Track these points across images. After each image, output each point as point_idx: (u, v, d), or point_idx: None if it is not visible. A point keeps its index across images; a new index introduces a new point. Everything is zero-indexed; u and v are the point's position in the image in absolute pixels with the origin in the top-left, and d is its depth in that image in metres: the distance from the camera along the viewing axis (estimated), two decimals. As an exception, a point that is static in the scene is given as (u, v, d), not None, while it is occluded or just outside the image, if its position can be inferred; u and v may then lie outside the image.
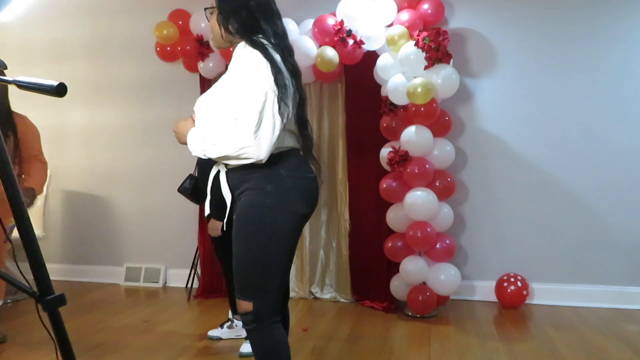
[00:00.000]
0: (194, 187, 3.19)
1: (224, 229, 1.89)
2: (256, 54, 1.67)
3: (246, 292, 1.73)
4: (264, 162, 1.66)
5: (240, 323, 3.14)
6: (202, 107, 1.80)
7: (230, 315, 3.20)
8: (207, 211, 1.94)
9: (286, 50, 1.76)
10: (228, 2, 1.76)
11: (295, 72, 1.76)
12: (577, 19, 3.74)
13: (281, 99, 1.64)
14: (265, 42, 1.71)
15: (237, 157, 1.66)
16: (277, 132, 1.64)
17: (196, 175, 3.21)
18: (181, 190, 3.25)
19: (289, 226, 1.74)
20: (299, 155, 1.81)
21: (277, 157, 1.71)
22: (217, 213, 2.66)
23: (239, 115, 1.64)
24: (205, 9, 1.85)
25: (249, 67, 1.66)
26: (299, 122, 1.79)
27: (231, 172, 1.79)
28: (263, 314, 1.72)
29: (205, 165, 2.83)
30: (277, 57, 1.69)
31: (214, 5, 1.79)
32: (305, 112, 1.85)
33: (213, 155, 1.69)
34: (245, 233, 1.71)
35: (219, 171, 1.84)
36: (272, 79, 1.63)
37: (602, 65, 3.72)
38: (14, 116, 2.95)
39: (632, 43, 3.68)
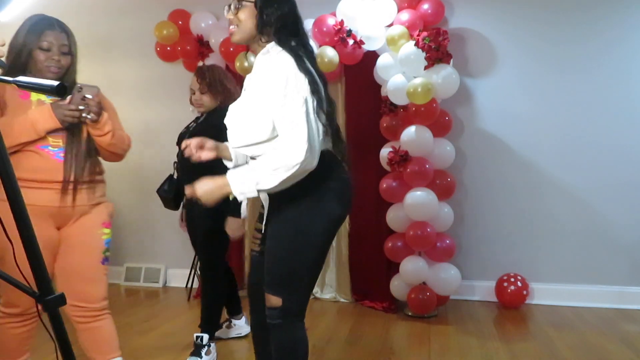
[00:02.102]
0: (176, 191, 2.91)
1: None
2: (291, 61, 1.64)
3: (276, 288, 1.73)
4: None
5: (239, 322, 3.14)
6: (238, 122, 1.74)
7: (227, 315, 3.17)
8: (244, 213, 1.97)
9: (313, 56, 1.76)
10: (275, 2, 1.70)
11: (323, 78, 1.75)
12: (577, 20, 3.74)
13: (318, 104, 1.64)
14: (298, 47, 1.70)
15: (300, 174, 1.61)
16: (321, 137, 1.64)
17: (175, 177, 2.96)
18: (161, 192, 2.97)
19: (324, 228, 1.74)
20: (333, 158, 1.79)
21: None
22: (234, 209, 2.66)
23: (288, 127, 1.60)
24: (235, 2, 1.73)
25: (285, 74, 1.62)
26: (331, 126, 1.75)
27: None
28: (290, 311, 1.73)
29: (187, 166, 2.67)
30: (309, 64, 1.68)
31: None
32: (336, 116, 1.85)
33: (274, 183, 1.59)
34: (282, 230, 1.72)
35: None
36: (308, 85, 1.63)
37: (602, 65, 3.72)
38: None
39: (631, 44, 3.68)
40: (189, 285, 4.27)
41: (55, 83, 1.15)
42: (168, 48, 4.09)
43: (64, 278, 2.03)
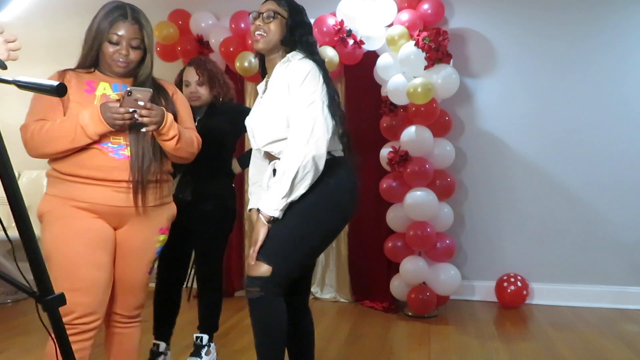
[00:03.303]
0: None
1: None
2: (311, 64, 1.80)
3: (270, 256, 1.75)
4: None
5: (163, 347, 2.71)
6: (261, 122, 1.89)
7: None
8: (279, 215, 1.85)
9: (328, 75, 1.88)
10: (300, 14, 1.89)
11: (337, 94, 1.90)
12: (576, 20, 3.74)
13: (331, 106, 1.79)
14: (318, 63, 1.84)
15: (310, 168, 1.72)
16: (329, 134, 1.77)
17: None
18: (182, 198, 2.58)
19: (332, 218, 1.83)
20: (347, 163, 1.90)
21: (330, 160, 1.81)
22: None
23: (295, 122, 1.75)
24: (269, 12, 1.86)
25: (303, 75, 1.77)
26: (345, 135, 1.89)
27: None
28: (275, 282, 1.74)
29: (184, 166, 2.49)
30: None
31: (278, 11, 1.85)
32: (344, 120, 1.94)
33: (288, 183, 1.71)
34: (300, 206, 1.76)
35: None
36: (322, 89, 1.78)
37: (602, 65, 3.72)
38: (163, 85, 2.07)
39: (631, 43, 3.68)
40: (189, 285, 4.26)
41: (55, 83, 1.14)
42: (168, 48, 4.09)
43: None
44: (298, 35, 1.85)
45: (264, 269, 1.73)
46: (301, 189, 1.73)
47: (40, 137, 1.76)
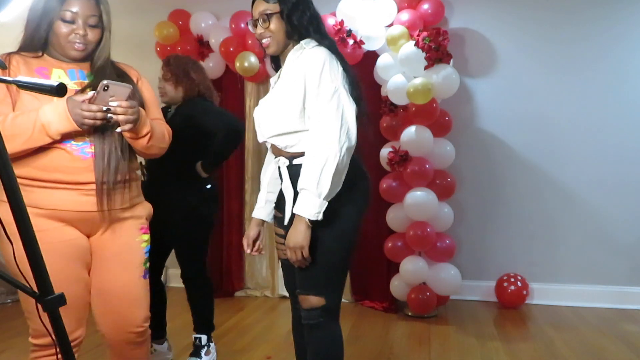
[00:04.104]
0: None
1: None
2: (326, 52, 1.69)
3: (317, 288, 1.72)
4: None
5: (160, 347, 2.80)
6: (269, 113, 1.78)
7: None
8: (287, 218, 1.76)
9: (343, 58, 1.79)
10: (299, 6, 1.77)
11: (356, 77, 1.79)
12: (576, 21, 3.74)
13: (353, 91, 1.70)
14: (332, 47, 1.75)
15: (346, 159, 1.64)
16: (354, 118, 1.68)
17: (145, 179, 2.67)
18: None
19: (356, 226, 1.78)
20: (359, 156, 1.80)
21: None
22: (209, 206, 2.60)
23: (320, 117, 1.64)
24: (263, 16, 1.74)
25: (320, 64, 1.66)
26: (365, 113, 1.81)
27: (295, 167, 1.75)
28: (331, 310, 1.73)
29: (154, 166, 2.58)
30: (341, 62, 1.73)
31: (269, 9, 1.73)
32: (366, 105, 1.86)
33: (329, 180, 1.59)
34: (318, 232, 1.67)
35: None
36: (342, 76, 1.68)
37: (602, 65, 3.72)
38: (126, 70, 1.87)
39: (630, 43, 3.68)
40: (189, 285, 4.26)
41: (55, 83, 1.11)
42: (168, 48, 4.08)
43: (100, 299, 1.71)
44: (297, 19, 1.74)
45: (316, 300, 1.71)
46: (339, 186, 1.64)
47: None
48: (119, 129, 1.57)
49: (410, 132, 3.42)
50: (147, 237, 1.80)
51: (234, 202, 4.16)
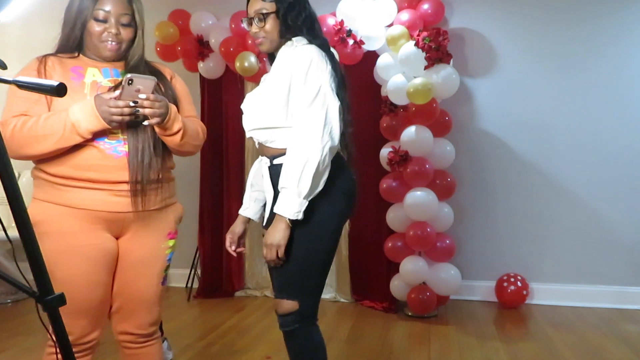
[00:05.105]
0: None
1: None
2: (316, 50, 1.68)
3: (291, 292, 1.69)
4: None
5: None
6: (254, 107, 1.76)
7: None
8: (266, 218, 1.75)
9: (335, 59, 1.78)
10: (296, 6, 1.74)
11: (344, 79, 1.79)
12: (576, 20, 3.74)
13: (339, 91, 1.68)
14: (324, 47, 1.74)
15: (328, 158, 1.61)
16: (339, 118, 1.66)
17: None
18: None
19: (334, 228, 1.72)
20: (341, 158, 1.77)
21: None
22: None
23: (303, 112, 1.62)
24: (259, 15, 1.72)
25: (308, 61, 1.65)
26: (344, 120, 1.75)
27: (275, 167, 1.72)
28: (307, 314, 1.71)
29: None
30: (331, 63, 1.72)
31: (265, 8, 1.71)
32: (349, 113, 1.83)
33: (310, 179, 1.56)
34: (294, 234, 1.64)
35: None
36: (329, 74, 1.67)
37: (602, 65, 3.72)
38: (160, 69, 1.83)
39: (630, 43, 3.68)
40: (189, 285, 4.27)
41: (55, 83, 1.10)
42: (168, 48, 4.08)
43: (118, 301, 1.73)
44: (292, 19, 1.72)
45: (290, 305, 1.68)
46: (320, 186, 1.61)
47: (22, 136, 1.51)
48: (146, 122, 1.57)
49: (410, 132, 3.42)
50: (172, 242, 1.79)
51: (234, 202, 4.16)
